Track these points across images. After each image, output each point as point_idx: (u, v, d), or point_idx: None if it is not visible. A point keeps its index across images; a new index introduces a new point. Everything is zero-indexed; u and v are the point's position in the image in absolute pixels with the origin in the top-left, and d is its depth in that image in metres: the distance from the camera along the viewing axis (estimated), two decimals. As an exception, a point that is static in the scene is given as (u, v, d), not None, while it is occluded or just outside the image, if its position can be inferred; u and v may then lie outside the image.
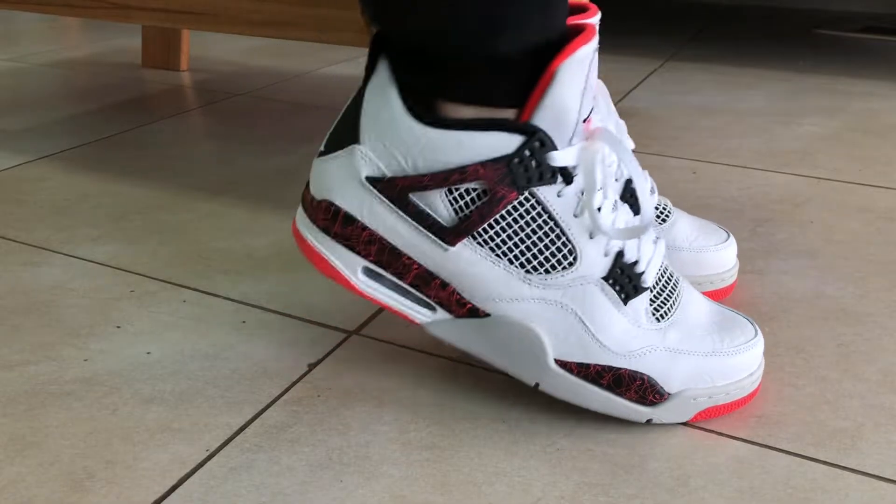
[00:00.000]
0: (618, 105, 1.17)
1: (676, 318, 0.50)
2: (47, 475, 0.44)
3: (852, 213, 0.79)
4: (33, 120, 1.10)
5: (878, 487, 0.44)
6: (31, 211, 0.80)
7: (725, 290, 0.63)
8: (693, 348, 0.49)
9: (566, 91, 0.44)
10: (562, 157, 0.46)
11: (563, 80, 0.44)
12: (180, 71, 1.39)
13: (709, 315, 0.51)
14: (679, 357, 0.49)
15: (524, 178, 0.45)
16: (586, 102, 0.46)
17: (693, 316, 0.51)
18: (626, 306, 0.48)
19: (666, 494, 0.43)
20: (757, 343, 0.50)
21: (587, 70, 0.45)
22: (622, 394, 0.48)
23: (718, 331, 0.50)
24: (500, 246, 0.47)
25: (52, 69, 1.41)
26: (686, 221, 0.63)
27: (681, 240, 0.62)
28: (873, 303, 0.63)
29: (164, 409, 0.50)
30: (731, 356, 0.49)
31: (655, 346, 0.48)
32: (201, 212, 0.80)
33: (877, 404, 0.51)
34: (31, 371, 0.54)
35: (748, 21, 1.85)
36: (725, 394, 0.49)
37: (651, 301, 0.49)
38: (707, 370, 0.49)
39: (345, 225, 0.48)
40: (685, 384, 0.48)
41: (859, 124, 1.08)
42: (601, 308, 0.48)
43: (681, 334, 0.49)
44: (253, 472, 0.45)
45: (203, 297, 0.64)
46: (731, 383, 0.49)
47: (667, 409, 0.48)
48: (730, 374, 0.49)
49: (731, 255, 0.63)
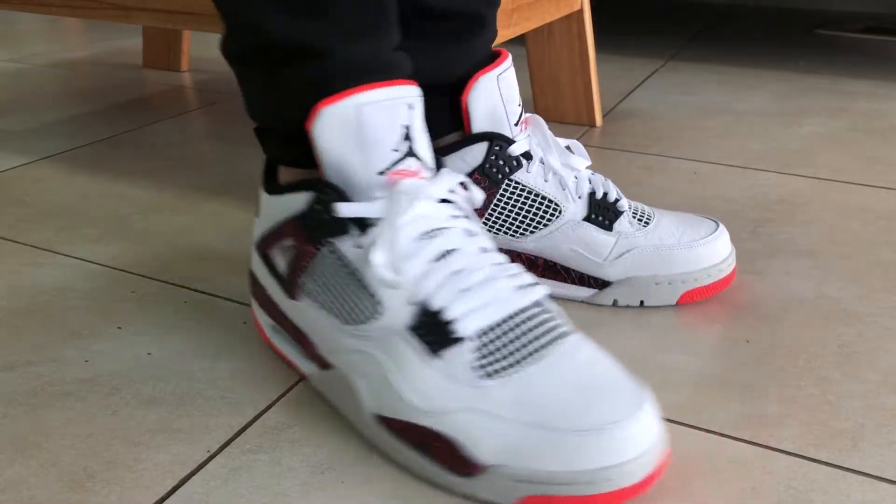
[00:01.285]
0: (618, 106, 1.17)
1: (521, 377, 0.42)
2: (48, 476, 0.44)
3: (853, 214, 0.79)
4: (34, 120, 1.10)
5: (879, 488, 0.44)
6: (32, 212, 0.80)
7: (725, 281, 0.63)
8: (523, 417, 0.41)
9: (329, 146, 0.46)
10: (350, 209, 0.46)
11: (320, 136, 0.45)
12: (181, 71, 1.39)
13: (580, 379, 0.42)
14: (497, 423, 0.41)
15: (318, 232, 0.47)
16: (375, 153, 0.45)
17: (555, 379, 0.42)
18: (439, 358, 0.43)
19: (667, 494, 0.43)
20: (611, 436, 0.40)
21: (352, 125, 0.45)
22: (432, 458, 0.43)
23: (590, 398, 0.41)
24: (317, 297, 0.48)
25: (53, 70, 1.41)
26: (669, 219, 0.64)
27: (668, 237, 0.62)
28: (874, 303, 0.63)
29: (164, 409, 0.50)
30: (563, 433, 0.40)
31: (471, 406, 0.42)
32: (202, 212, 0.80)
33: (878, 405, 0.51)
34: (33, 372, 0.54)
35: (749, 21, 1.85)
36: (549, 484, 0.40)
37: (480, 354, 0.43)
38: (531, 446, 0.40)
39: (254, 287, 0.55)
40: (500, 459, 0.41)
41: (860, 124, 1.08)
42: (406, 360, 0.44)
43: (517, 398, 0.41)
44: (254, 472, 0.45)
45: (204, 297, 0.64)
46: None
47: (482, 486, 0.41)
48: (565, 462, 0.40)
49: (723, 245, 0.63)
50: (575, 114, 1.07)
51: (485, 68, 0.59)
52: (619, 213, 0.62)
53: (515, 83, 0.62)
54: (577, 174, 0.62)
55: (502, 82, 0.60)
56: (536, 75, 1.08)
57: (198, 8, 0.89)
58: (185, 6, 0.91)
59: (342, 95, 0.45)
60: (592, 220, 0.61)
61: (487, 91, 0.59)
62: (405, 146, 0.46)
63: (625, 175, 0.88)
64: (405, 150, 0.46)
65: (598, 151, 0.96)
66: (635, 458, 0.40)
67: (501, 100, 0.60)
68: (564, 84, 1.06)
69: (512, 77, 0.61)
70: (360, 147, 0.45)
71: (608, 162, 0.71)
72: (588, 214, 0.61)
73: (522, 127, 0.62)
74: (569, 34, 1.04)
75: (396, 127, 0.46)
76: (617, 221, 0.61)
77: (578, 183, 0.62)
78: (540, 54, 1.06)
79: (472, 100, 0.59)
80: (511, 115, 0.61)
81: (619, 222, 0.61)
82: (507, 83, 0.60)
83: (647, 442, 0.40)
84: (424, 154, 0.48)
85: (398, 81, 0.46)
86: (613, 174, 0.87)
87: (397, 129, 0.46)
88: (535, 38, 1.06)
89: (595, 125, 1.07)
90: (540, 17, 0.91)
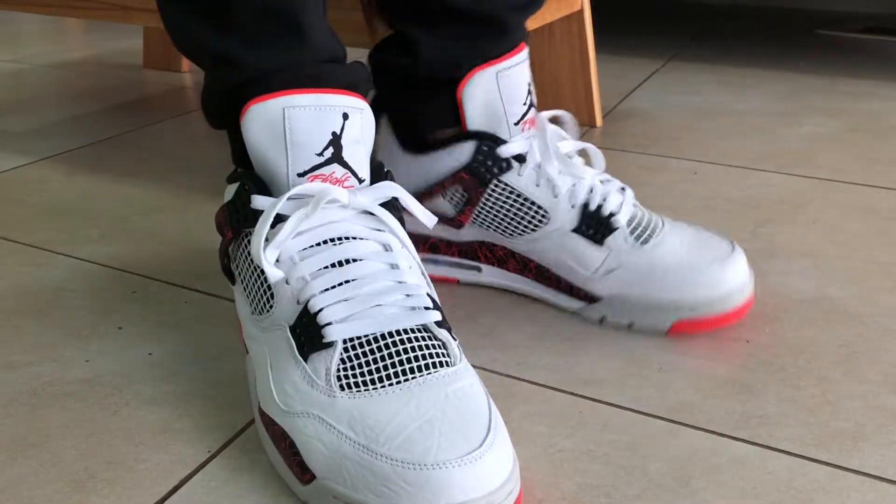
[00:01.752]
0: (619, 106, 1.17)
1: (371, 396, 0.41)
2: (48, 476, 0.44)
3: (854, 214, 0.79)
4: (35, 121, 1.10)
5: (880, 488, 0.44)
6: (32, 212, 0.80)
7: (733, 314, 0.57)
8: (353, 436, 0.39)
9: (256, 142, 0.48)
10: (262, 202, 0.47)
11: (248, 132, 0.48)
12: (181, 72, 1.39)
13: (429, 413, 0.40)
14: (332, 436, 0.40)
15: (237, 221, 0.49)
16: (297, 155, 0.47)
17: (404, 406, 0.40)
18: (306, 360, 0.43)
19: (667, 495, 0.43)
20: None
21: (278, 125, 0.46)
22: (284, 458, 0.43)
23: (428, 434, 0.39)
24: (241, 284, 0.50)
25: (54, 70, 1.41)
26: (681, 236, 0.59)
27: (669, 257, 0.57)
28: (875, 304, 0.63)
29: (165, 409, 0.50)
30: (386, 462, 0.38)
31: (317, 413, 0.41)
32: (203, 213, 0.80)
33: (878, 405, 0.51)
34: (33, 372, 0.54)
35: (749, 21, 1.85)
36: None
37: (343, 365, 0.42)
38: (351, 468, 0.39)
39: None
40: (326, 473, 0.40)
41: (861, 125, 1.08)
42: (282, 357, 0.44)
43: (357, 415, 0.40)
44: (255, 472, 0.45)
45: (204, 297, 0.64)
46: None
47: (313, 496, 0.41)
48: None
49: (734, 272, 0.57)
50: (575, 114, 1.07)
51: (484, 64, 0.58)
52: (612, 229, 0.58)
53: (524, 81, 0.60)
54: (578, 182, 0.59)
55: (503, 80, 0.58)
56: (536, 75, 1.08)
57: (198, 8, 0.88)
58: (186, 6, 0.91)
59: (271, 96, 0.46)
60: (582, 231, 0.59)
61: (484, 88, 0.58)
62: (330, 152, 0.47)
63: (625, 175, 0.88)
64: (329, 155, 0.47)
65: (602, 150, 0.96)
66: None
67: (500, 98, 0.59)
68: (564, 84, 1.06)
69: (519, 74, 0.59)
70: (283, 147, 0.46)
71: (608, 162, 0.71)
72: (578, 225, 0.59)
73: (526, 127, 0.61)
74: (569, 34, 1.04)
75: (323, 132, 0.47)
76: (610, 236, 0.58)
77: (574, 191, 0.59)
78: (540, 54, 1.06)
79: (467, 96, 0.59)
80: (511, 115, 0.59)
81: (612, 237, 0.58)
82: (511, 81, 0.59)
83: (476, 489, 0.37)
84: (356, 164, 0.48)
85: (330, 90, 0.47)
86: (614, 174, 0.87)
87: (324, 135, 0.47)
88: (536, 38, 1.06)
89: (595, 125, 1.07)
90: (540, 16, 0.92)
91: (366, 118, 0.49)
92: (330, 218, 0.46)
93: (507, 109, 0.59)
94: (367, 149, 0.50)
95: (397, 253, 0.47)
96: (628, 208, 0.59)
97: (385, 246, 0.47)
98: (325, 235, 0.46)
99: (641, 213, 0.60)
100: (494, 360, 0.55)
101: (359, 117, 0.48)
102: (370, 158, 0.51)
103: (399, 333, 0.43)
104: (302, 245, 0.46)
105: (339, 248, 0.45)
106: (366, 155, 0.49)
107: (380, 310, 0.44)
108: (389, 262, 0.46)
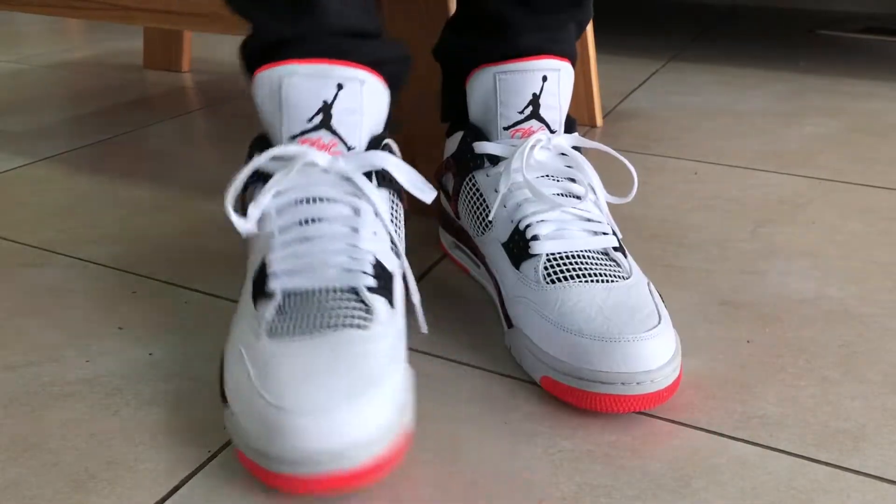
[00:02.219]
0: (619, 106, 1.17)
1: (285, 344, 0.44)
2: (49, 476, 0.44)
3: (854, 214, 0.79)
4: (35, 121, 1.10)
5: (880, 488, 0.44)
6: (33, 212, 0.80)
7: (614, 401, 0.48)
8: (253, 371, 0.43)
9: (261, 105, 0.52)
10: (260, 160, 0.50)
11: (256, 96, 0.52)
12: (182, 72, 1.39)
13: (315, 365, 0.42)
14: (237, 367, 0.45)
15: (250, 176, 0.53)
16: (290, 119, 0.51)
17: (301, 357, 0.43)
18: (254, 306, 0.47)
19: (668, 495, 0.43)
20: None
21: (276, 91, 0.50)
22: (219, 377, 0.48)
23: (304, 382, 0.41)
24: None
25: (54, 71, 1.41)
26: (615, 291, 0.51)
27: (566, 305, 0.51)
28: (875, 304, 0.63)
29: (165, 410, 0.50)
30: (265, 404, 0.41)
31: (243, 350, 0.45)
32: (203, 213, 0.80)
33: (879, 405, 0.51)
34: (34, 372, 0.54)
35: (749, 22, 1.85)
36: (245, 447, 0.42)
37: (277, 313, 0.46)
38: (245, 400, 0.42)
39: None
40: (231, 401, 0.44)
41: (861, 125, 1.08)
42: (245, 299, 0.49)
43: (265, 359, 0.44)
44: (255, 473, 0.45)
45: (205, 298, 0.64)
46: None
47: (225, 418, 0.45)
48: None
49: (624, 356, 0.47)
50: (575, 114, 1.07)
51: (487, 63, 0.59)
52: (528, 254, 0.54)
53: (527, 91, 0.58)
54: (527, 202, 0.56)
55: (502, 83, 0.59)
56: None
57: (198, 9, 0.89)
58: (186, 7, 0.91)
59: (275, 65, 0.50)
60: (509, 249, 0.56)
61: (483, 85, 0.60)
62: (319, 119, 0.50)
63: (625, 175, 0.88)
64: (318, 122, 0.50)
65: (599, 151, 0.96)
66: (316, 453, 0.39)
67: (496, 98, 0.59)
68: (565, 84, 1.06)
69: (521, 82, 0.58)
70: (280, 111, 0.50)
71: (609, 162, 0.71)
72: (507, 241, 0.57)
73: (517, 135, 0.59)
74: (569, 35, 1.04)
75: (314, 100, 0.50)
76: (525, 262, 0.54)
77: (521, 207, 0.56)
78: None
79: (470, 88, 0.61)
80: (502, 118, 0.59)
81: (526, 263, 0.54)
82: (510, 86, 0.58)
83: (321, 441, 0.39)
84: (347, 132, 0.51)
85: (328, 61, 0.50)
86: (614, 174, 0.87)
87: (315, 103, 0.50)
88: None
89: (596, 125, 1.07)
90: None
91: (368, 90, 0.51)
92: (309, 180, 0.50)
93: (500, 111, 0.60)
94: (369, 120, 0.52)
95: (363, 219, 0.49)
96: (562, 242, 0.54)
97: (355, 210, 0.49)
98: (301, 195, 0.49)
99: (596, 257, 0.54)
100: (496, 361, 0.55)
101: (357, 88, 0.51)
102: (381, 130, 0.54)
103: (326, 292, 0.46)
104: (280, 203, 0.49)
105: (308, 207, 0.49)
106: (363, 125, 0.52)
107: (322, 269, 0.47)
108: (351, 226, 0.49)
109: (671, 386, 0.49)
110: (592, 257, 0.54)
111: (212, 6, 0.93)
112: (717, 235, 0.74)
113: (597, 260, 0.54)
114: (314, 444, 0.39)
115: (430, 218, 0.73)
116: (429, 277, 0.66)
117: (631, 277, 0.53)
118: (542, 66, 0.58)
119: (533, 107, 0.59)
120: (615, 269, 0.54)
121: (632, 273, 0.53)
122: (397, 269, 0.50)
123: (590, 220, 0.56)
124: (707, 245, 0.73)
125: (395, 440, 0.41)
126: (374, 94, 0.52)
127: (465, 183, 0.62)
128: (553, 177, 0.58)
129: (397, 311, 0.48)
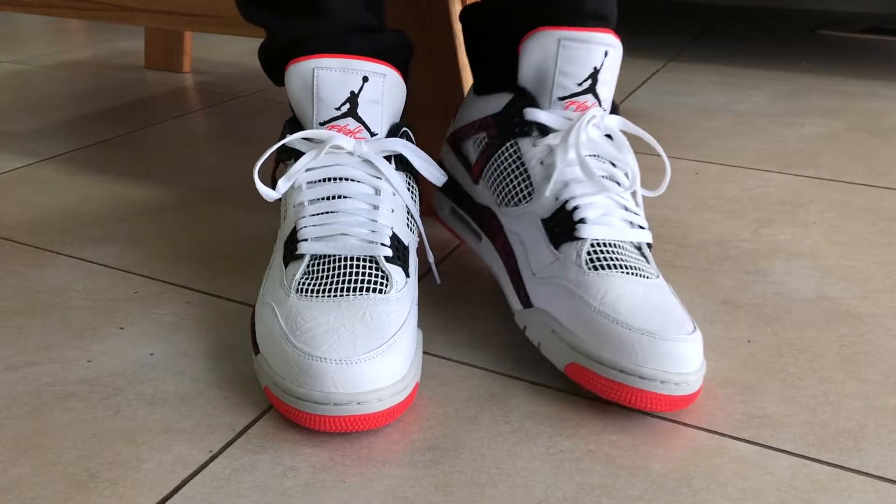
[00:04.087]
0: (620, 106, 1.17)
1: (309, 304, 0.50)
2: (50, 476, 0.44)
3: (855, 214, 0.79)
4: (36, 122, 1.10)
5: (881, 488, 0.44)
6: (34, 213, 0.80)
7: (636, 394, 0.48)
8: (284, 325, 0.50)
9: (294, 95, 0.57)
10: (294, 141, 0.57)
11: (289, 86, 0.57)
12: (183, 73, 1.39)
13: (330, 325, 0.49)
14: (271, 321, 0.51)
15: (281, 154, 0.59)
16: (320, 107, 0.55)
17: (324, 316, 0.49)
18: (285, 266, 0.54)
19: (668, 495, 0.43)
20: None
21: (308, 82, 0.55)
22: (251, 330, 0.55)
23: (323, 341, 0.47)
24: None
25: (56, 71, 1.41)
26: (648, 290, 0.51)
27: (607, 295, 0.51)
28: (876, 304, 0.63)
29: (167, 410, 0.50)
30: (293, 349, 0.48)
31: (272, 304, 0.52)
32: (205, 213, 0.80)
33: (879, 405, 0.51)
34: (35, 372, 0.54)
35: (750, 22, 1.85)
36: (281, 390, 0.49)
37: (304, 274, 0.52)
38: (275, 347, 0.49)
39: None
40: (262, 349, 0.51)
41: (862, 125, 1.08)
42: (277, 262, 0.55)
43: (291, 316, 0.50)
44: (256, 473, 0.45)
45: (206, 298, 0.64)
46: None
47: (256, 365, 0.52)
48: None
49: (654, 354, 0.48)
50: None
51: (550, 25, 0.56)
52: (572, 237, 0.53)
53: (589, 64, 0.56)
54: (578, 179, 0.55)
55: (565, 50, 0.55)
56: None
57: (199, 9, 0.89)
58: (187, 7, 0.91)
59: (307, 58, 0.55)
60: (548, 227, 0.55)
61: (543, 49, 0.56)
62: (346, 107, 0.55)
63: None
64: (345, 110, 0.55)
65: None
66: (326, 394, 0.46)
67: (555, 65, 0.56)
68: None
69: (586, 54, 0.55)
70: (311, 100, 0.55)
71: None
72: (548, 218, 0.55)
73: (571, 107, 0.57)
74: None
75: (343, 91, 0.55)
76: (566, 244, 0.53)
77: (569, 186, 0.55)
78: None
79: (525, 49, 0.57)
80: (559, 87, 0.56)
81: (567, 245, 0.53)
82: (573, 55, 0.55)
83: (348, 384, 0.46)
84: (370, 120, 0.56)
85: (354, 56, 0.55)
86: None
87: (344, 92, 0.55)
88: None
89: (596, 126, 1.07)
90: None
91: (389, 83, 0.56)
92: (337, 161, 0.55)
93: (557, 80, 0.56)
94: (388, 109, 0.57)
95: (383, 197, 0.55)
96: (607, 229, 0.53)
97: (376, 190, 0.55)
98: (329, 174, 0.55)
99: (632, 250, 0.54)
100: (497, 361, 0.55)
101: (380, 81, 0.56)
102: (398, 120, 0.59)
103: (349, 259, 0.52)
104: (309, 178, 0.55)
105: (335, 185, 0.55)
106: (384, 114, 0.57)
107: (344, 238, 0.53)
108: (372, 204, 0.54)
109: (699, 391, 0.49)
110: (630, 250, 0.54)
111: (213, 7, 0.93)
112: (717, 235, 0.75)
113: (632, 253, 0.54)
114: (339, 388, 0.45)
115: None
116: (429, 278, 0.67)
117: (659, 278, 0.53)
118: (605, 40, 0.56)
119: (592, 81, 0.57)
120: (646, 266, 0.54)
121: (658, 273, 0.54)
122: (412, 243, 0.56)
123: (627, 209, 0.56)
124: (708, 245, 0.73)
125: (406, 390, 0.48)
126: (394, 86, 0.57)
127: (504, 148, 0.59)
128: (601, 158, 0.57)
129: (411, 280, 0.54)
